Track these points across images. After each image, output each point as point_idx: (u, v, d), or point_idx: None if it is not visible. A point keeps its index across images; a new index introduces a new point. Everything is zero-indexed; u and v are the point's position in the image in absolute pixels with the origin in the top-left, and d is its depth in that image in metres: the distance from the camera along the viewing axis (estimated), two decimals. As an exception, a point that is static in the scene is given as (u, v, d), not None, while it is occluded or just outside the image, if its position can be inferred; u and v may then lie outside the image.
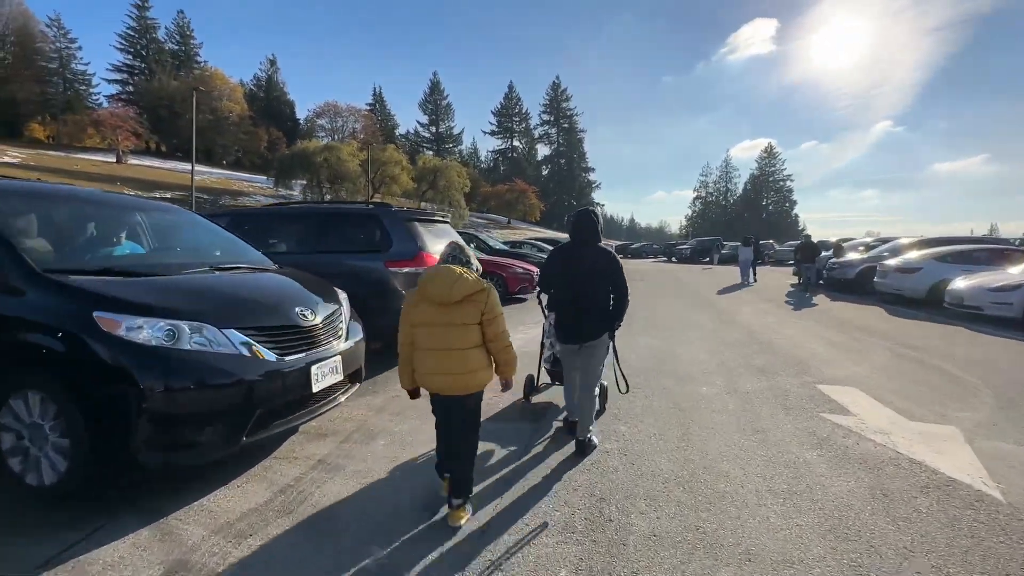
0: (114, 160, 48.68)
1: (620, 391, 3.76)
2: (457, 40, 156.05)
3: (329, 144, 45.70)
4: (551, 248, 6.57)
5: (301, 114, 78.69)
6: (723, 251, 34.91)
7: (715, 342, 7.09)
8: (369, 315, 4.31)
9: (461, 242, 2.76)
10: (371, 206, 6.04)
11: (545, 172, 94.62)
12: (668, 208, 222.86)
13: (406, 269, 5.38)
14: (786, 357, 6.20)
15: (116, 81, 74.12)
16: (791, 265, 30.67)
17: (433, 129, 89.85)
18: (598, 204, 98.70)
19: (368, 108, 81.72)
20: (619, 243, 48.38)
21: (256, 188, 50.98)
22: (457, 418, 2.55)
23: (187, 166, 60.14)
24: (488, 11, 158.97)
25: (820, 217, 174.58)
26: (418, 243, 5.49)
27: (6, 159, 38.12)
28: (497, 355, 2.55)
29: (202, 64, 75.32)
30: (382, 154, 49.74)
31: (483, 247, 12.84)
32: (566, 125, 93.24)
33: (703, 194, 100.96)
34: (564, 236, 34.03)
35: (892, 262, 11.16)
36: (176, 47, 78.84)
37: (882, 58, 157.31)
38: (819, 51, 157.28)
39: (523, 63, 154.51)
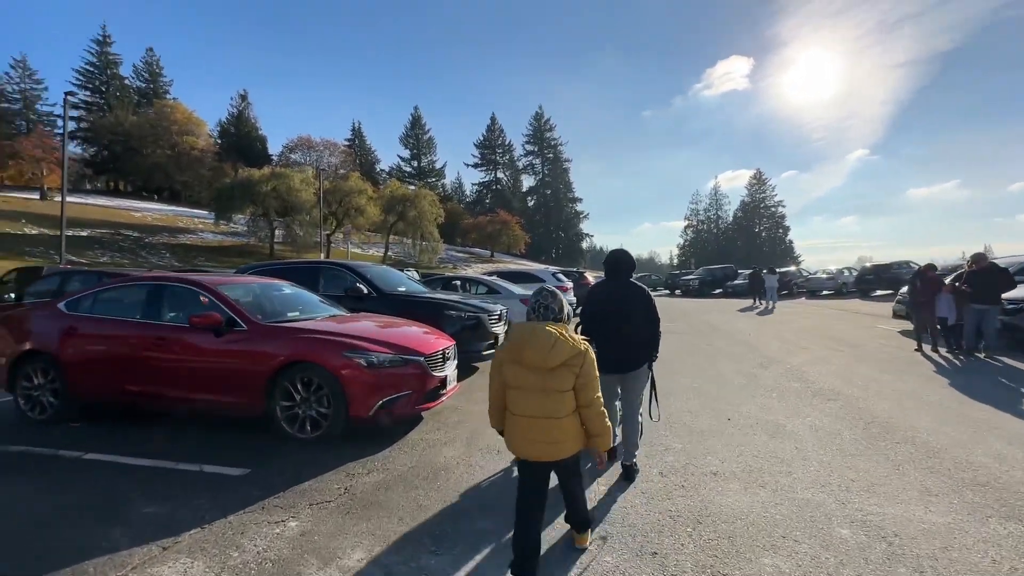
0: (38, 196, 42.81)
1: (651, 418, 3.64)
2: (439, 74, 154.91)
3: (277, 171, 40.12)
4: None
5: (275, 149, 73.98)
6: (736, 281, 29.25)
7: None
8: None
9: (553, 288, 2.40)
10: None
11: (531, 203, 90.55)
12: (656, 239, 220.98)
13: None
14: None
15: (73, 118, 69.51)
16: (826, 296, 25.48)
17: (415, 163, 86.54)
18: (588, 235, 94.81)
19: (347, 143, 77.82)
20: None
21: (203, 224, 45.39)
22: (561, 475, 2.39)
23: (138, 203, 55.34)
24: (470, 46, 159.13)
25: (807, 244, 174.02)
26: None
27: None
28: (591, 423, 2.28)
29: (169, 100, 71.00)
30: (345, 183, 44.43)
31: (348, 286, 6.68)
32: (551, 155, 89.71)
33: (694, 222, 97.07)
34: (542, 267, 28.73)
35: None
36: (144, 84, 75.18)
37: (853, 92, 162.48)
38: (793, 86, 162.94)
39: (505, 97, 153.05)
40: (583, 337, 2.35)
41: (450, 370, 4.70)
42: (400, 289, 7.49)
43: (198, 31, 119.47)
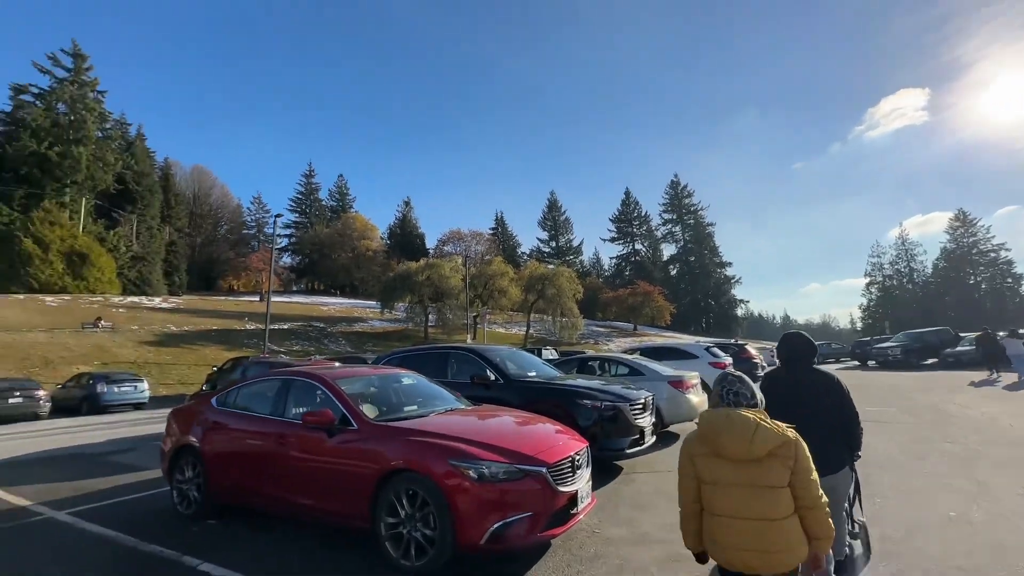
0: (258, 298, 53.70)
1: (855, 525, 2.97)
2: (572, 155, 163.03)
3: (431, 262, 44.65)
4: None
5: (431, 243, 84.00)
6: (959, 348, 23.03)
7: None
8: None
9: (739, 372, 2.21)
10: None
11: (673, 272, 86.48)
12: (829, 301, 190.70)
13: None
14: None
15: (285, 235, 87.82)
16: None
17: (553, 244, 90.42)
18: (742, 301, 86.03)
19: (491, 231, 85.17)
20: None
21: (372, 314, 51.69)
22: None
23: (326, 299, 66.34)
24: (601, 124, 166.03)
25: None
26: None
27: (163, 304, 43.17)
28: (813, 526, 1.93)
29: (352, 212, 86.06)
30: (488, 268, 47.61)
31: (474, 372, 6.17)
32: (691, 221, 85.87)
33: (879, 278, 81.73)
34: (692, 340, 26.06)
35: None
36: (335, 203, 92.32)
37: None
38: (989, 110, 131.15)
39: (638, 169, 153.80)
40: (788, 425, 2.01)
41: (582, 482, 3.75)
42: (530, 374, 6.85)
43: (373, 153, 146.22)
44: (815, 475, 1.97)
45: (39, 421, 14.43)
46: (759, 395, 2.13)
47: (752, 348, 20.11)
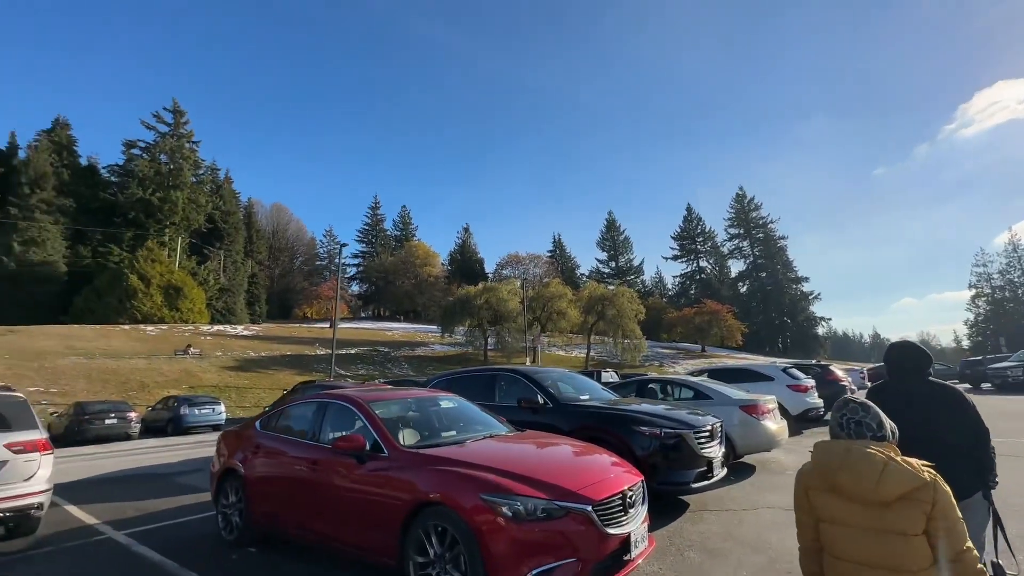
0: (328, 325, 56.54)
1: (1007, 570, 2.26)
2: (630, 173, 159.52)
3: (488, 285, 45.07)
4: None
5: (490, 268, 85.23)
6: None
7: None
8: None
9: (862, 399, 1.98)
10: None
11: (743, 289, 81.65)
12: (925, 316, 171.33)
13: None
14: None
15: (353, 265, 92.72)
16: None
17: (612, 264, 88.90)
18: (822, 318, 79.23)
19: (549, 254, 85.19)
20: (871, 366, 33.16)
21: (434, 338, 52.70)
22: None
23: (390, 324, 68.73)
24: (658, 142, 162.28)
25: None
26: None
27: (245, 332, 46.44)
28: None
29: (415, 241, 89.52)
30: (546, 290, 47.28)
31: (521, 395, 5.78)
32: (760, 235, 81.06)
33: (987, 290, 72.55)
34: (767, 361, 24.00)
35: None
36: (399, 232, 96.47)
37: None
38: None
39: (699, 184, 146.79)
40: (924, 463, 1.77)
41: (636, 522, 3.25)
42: (583, 398, 6.38)
43: (432, 184, 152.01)
44: (960, 524, 1.72)
45: (129, 441, 15.64)
46: (888, 425, 1.87)
47: (838, 369, 18.12)
